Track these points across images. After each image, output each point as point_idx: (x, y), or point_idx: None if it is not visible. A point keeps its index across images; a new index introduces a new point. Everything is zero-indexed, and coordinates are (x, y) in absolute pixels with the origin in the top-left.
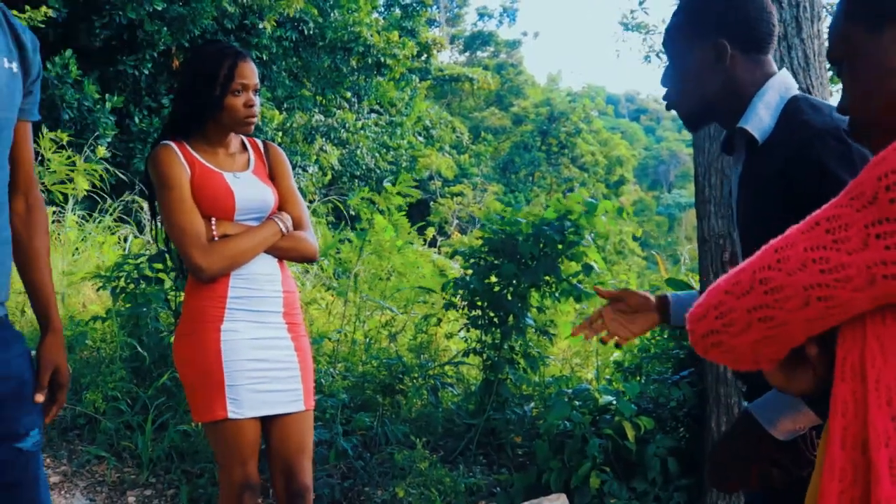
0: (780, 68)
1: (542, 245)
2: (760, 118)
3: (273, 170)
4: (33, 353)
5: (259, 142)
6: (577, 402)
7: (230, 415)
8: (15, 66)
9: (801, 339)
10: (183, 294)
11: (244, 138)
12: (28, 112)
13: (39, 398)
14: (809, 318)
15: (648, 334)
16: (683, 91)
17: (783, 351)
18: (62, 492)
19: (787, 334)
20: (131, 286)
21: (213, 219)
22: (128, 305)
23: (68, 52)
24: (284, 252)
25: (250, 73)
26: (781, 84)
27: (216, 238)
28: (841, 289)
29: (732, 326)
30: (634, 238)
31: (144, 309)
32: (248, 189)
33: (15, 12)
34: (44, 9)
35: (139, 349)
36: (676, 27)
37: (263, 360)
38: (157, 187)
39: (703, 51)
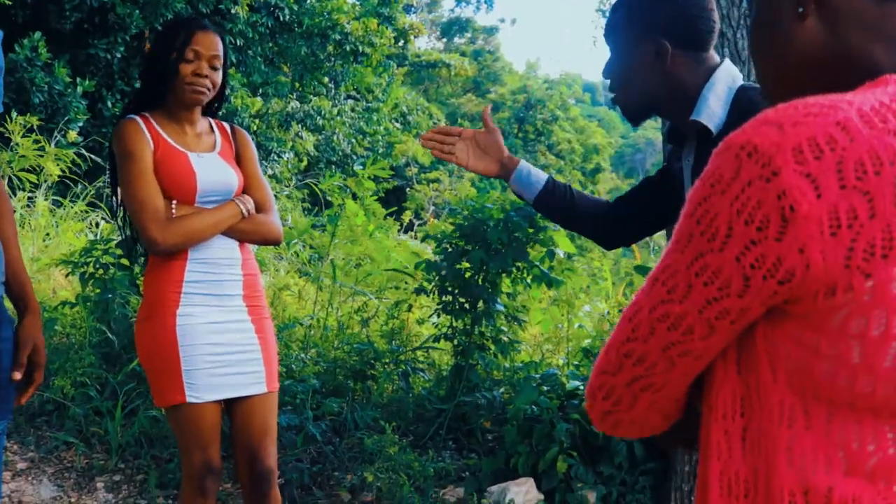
0: (721, 60)
1: (511, 231)
2: (712, 110)
3: (239, 153)
4: None
5: (227, 125)
6: (545, 388)
7: (188, 399)
8: None
9: (685, 389)
10: None
11: (212, 121)
12: None
13: (17, 376)
14: (684, 372)
15: (616, 319)
16: (624, 86)
17: (676, 406)
18: (29, 478)
19: (672, 392)
20: (100, 272)
21: (175, 202)
22: (97, 291)
23: (37, 35)
24: (246, 235)
25: (208, 42)
26: (728, 75)
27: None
28: (690, 342)
29: (621, 403)
30: None
31: (110, 295)
32: (212, 170)
33: None
34: None
35: (109, 335)
36: (617, 22)
37: (221, 343)
38: (119, 159)
39: (643, 48)
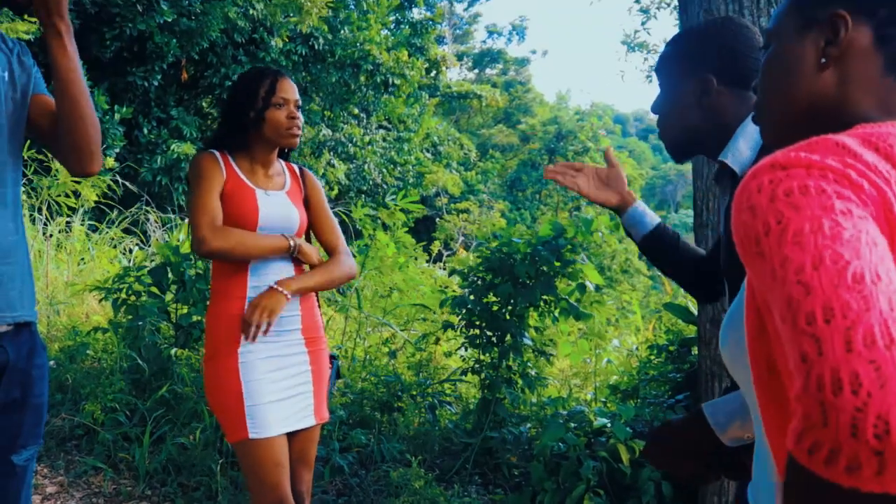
0: None
1: (538, 264)
2: (740, 151)
3: (309, 195)
4: (52, 363)
5: (296, 167)
6: (572, 424)
7: (251, 435)
8: (6, 74)
9: None
10: (183, 307)
11: (283, 163)
12: (38, 87)
13: None
14: None
15: (645, 356)
16: (669, 121)
17: None
18: (58, 502)
19: None
20: (132, 298)
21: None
22: (129, 317)
23: None
24: (325, 287)
25: (290, 88)
26: None
27: None
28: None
29: None
30: (640, 257)
31: (140, 323)
32: (275, 207)
33: (26, 16)
34: None
35: (139, 361)
36: (667, 58)
37: (280, 379)
38: (190, 183)
39: (691, 84)
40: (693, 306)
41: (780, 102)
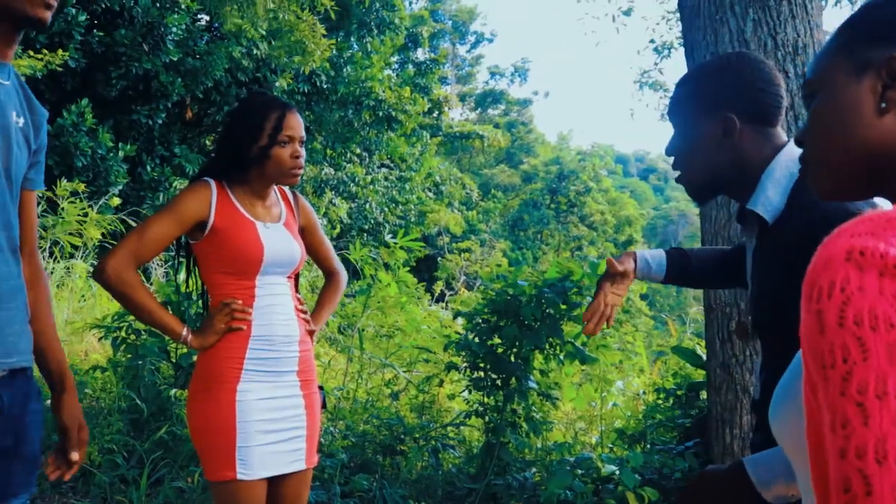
0: (788, 138)
1: (544, 307)
2: (769, 198)
3: (304, 223)
4: (48, 402)
5: (289, 193)
6: (579, 471)
7: (239, 476)
8: (23, 121)
9: None
10: (184, 347)
11: (276, 191)
12: (34, 182)
13: (75, 456)
14: None
15: (651, 399)
16: (690, 164)
17: None
18: None
19: None
20: (132, 337)
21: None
22: (128, 356)
23: (84, 101)
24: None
25: (297, 124)
26: (790, 159)
27: (235, 303)
28: None
29: None
30: (642, 297)
31: (139, 362)
32: (279, 241)
33: (31, 52)
34: (60, 52)
35: (137, 401)
36: (683, 99)
37: (274, 419)
38: (167, 203)
39: (711, 125)
40: (701, 350)
41: (836, 152)
